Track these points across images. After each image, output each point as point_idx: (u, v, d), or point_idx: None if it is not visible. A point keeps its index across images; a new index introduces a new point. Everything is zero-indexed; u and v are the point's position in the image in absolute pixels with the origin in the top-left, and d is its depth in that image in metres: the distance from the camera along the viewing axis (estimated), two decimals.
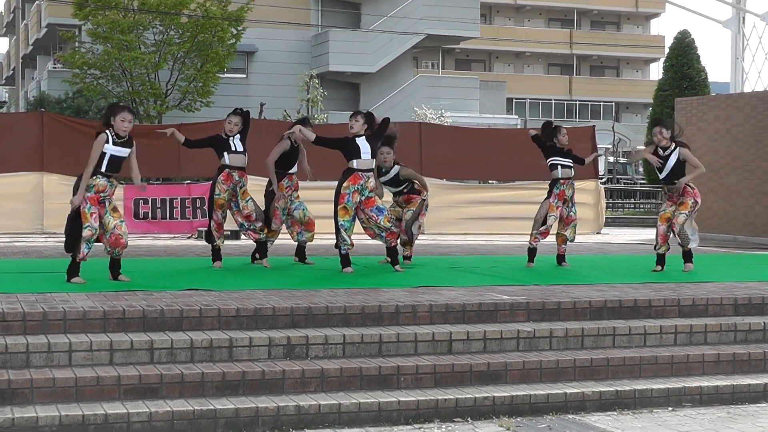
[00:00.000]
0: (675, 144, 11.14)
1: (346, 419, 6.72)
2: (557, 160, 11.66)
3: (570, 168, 11.70)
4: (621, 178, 43.82)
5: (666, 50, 30.25)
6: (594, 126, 20.72)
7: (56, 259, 11.40)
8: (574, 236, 11.98)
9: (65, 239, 9.04)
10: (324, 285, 9.31)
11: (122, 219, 9.08)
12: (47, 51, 46.80)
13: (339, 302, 8.04)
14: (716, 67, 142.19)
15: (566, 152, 11.74)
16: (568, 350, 7.99)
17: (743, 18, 24.76)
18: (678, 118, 20.87)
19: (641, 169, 39.41)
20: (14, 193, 16.54)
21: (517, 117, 50.42)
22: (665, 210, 11.29)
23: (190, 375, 6.77)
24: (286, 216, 11.19)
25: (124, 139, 8.95)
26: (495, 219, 18.73)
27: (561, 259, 11.95)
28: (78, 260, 8.91)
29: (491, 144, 19.25)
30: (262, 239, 10.99)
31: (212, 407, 6.52)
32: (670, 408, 7.49)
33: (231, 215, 10.94)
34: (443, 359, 7.46)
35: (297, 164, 11.24)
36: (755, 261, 13.87)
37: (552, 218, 11.66)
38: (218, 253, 10.88)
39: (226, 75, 36.60)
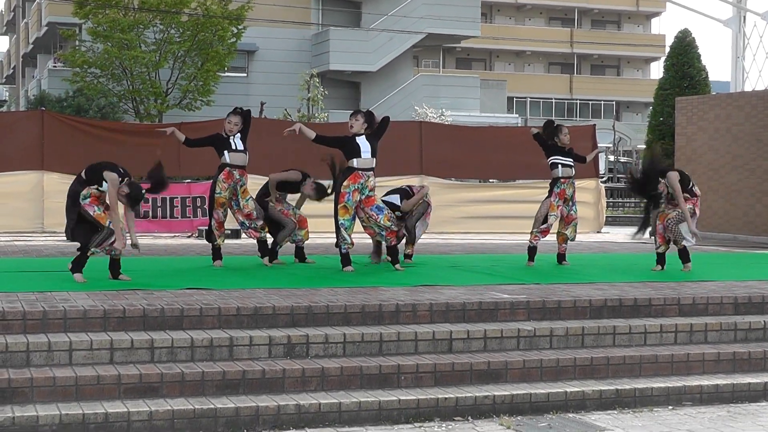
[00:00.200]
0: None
1: (347, 418, 6.72)
2: (558, 159, 11.66)
3: (571, 167, 11.71)
4: (621, 177, 43.81)
5: (667, 49, 30.20)
6: (594, 125, 20.73)
7: (56, 258, 11.41)
8: (575, 235, 11.98)
9: (78, 240, 8.98)
10: (324, 284, 9.31)
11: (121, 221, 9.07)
12: (48, 50, 46.79)
13: (339, 301, 8.04)
14: (717, 66, 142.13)
15: (567, 151, 11.75)
16: (569, 349, 7.99)
17: (744, 17, 24.74)
18: (678, 117, 20.88)
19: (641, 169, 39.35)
20: (15, 192, 16.53)
21: (518, 116, 50.40)
22: (664, 210, 11.29)
23: (191, 374, 6.77)
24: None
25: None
26: (495, 218, 18.74)
27: (561, 258, 11.95)
28: (89, 254, 8.89)
29: (492, 143, 19.26)
30: (263, 238, 10.99)
31: (212, 406, 6.52)
32: (671, 407, 7.50)
33: (231, 214, 10.95)
34: (443, 358, 7.47)
35: (297, 197, 11.51)
36: (755, 260, 13.87)
37: (553, 217, 11.67)
38: (219, 252, 10.88)
39: (227, 74, 36.62)
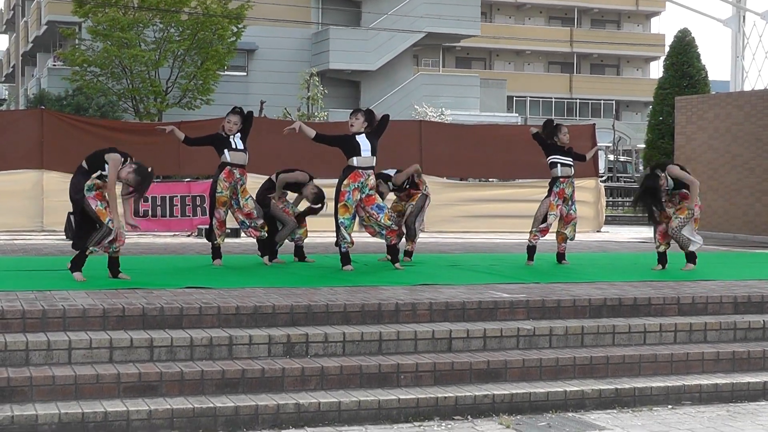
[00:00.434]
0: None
1: (346, 417, 6.72)
2: (557, 159, 11.66)
3: (570, 167, 11.71)
4: (621, 177, 43.80)
5: (666, 49, 30.21)
6: (594, 124, 20.75)
7: (56, 257, 11.40)
8: (574, 235, 11.98)
9: (74, 238, 8.98)
10: (324, 283, 9.30)
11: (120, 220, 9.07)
12: (47, 48, 46.82)
13: (339, 300, 8.03)
14: (716, 66, 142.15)
15: (567, 151, 11.75)
16: (568, 348, 7.99)
17: (743, 16, 24.76)
18: (678, 117, 20.89)
19: (641, 168, 39.40)
20: (14, 191, 16.53)
21: (518, 115, 50.44)
22: (666, 210, 11.26)
23: (190, 373, 6.77)
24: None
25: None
26: (495, 217, 18.75)
27: (561, 258, 11.95)
28: (89, 253, 8.89)
29: (491, 142, 19.27)
30: (263, 236, 10.99)
31: (212, 405, 6.52)
32: (670, 406, 7.49)
33: (231, 213, 10.94)
34: (443, 357, 7.46)
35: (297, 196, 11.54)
36: (755, 259, 13.87)
37: (552, 217, 11.66)
38: (218, 251, 10.87)
39: (227, 73, 36.65)
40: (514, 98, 57.67)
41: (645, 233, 20.12)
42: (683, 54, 27.09)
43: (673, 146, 20.98)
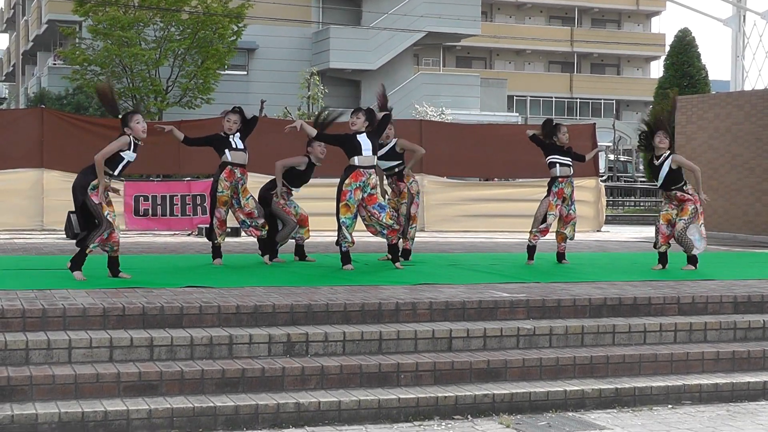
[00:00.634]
0: (669, 150, 11.18)
1: (346, 416, 6.72)
2: (556, 159, 11.66)
3: (569, 166, 11.70)
4: (621, 176, 43.80)
5: (667, 48, 30.24)
6: (594, 124, 20.74)
7: (56, 256, 11.40)
8: (574, 234, 11.98)
9: (78, 234, 8.98)
10: (324, 282, 9.30)
11: (115, 213, 9.06)
12: (47, 47, 46.79)
13: (339, 299, 8.03)
14: (717, 66, 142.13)
15: (566, 150, 11.74)
16: (568, 348, 7.99)
17: (744, 16, 24.75)
18: (678, 117, 20.87)
19: (641, 167, 39.39)
20: (14, 190, 16.54)
21: (518, 114, 50.43)
22: (667, 210, 11.28)
23: (190, 372, 6.77)
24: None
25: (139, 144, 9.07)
26: (495, 216, 18.75)
27: (561, 257, 11.96)
28: (88, 252, 8.89)
29: (492, 141, 19.26)
30: (264, 236, 10.99)
31: (212, 404, 6.52)
32: (670, 406, 7.50)
33: (232, 212, 10.94)
34: (443, 357, 7.46)
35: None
36: (755, 259, 13.87)
37: (551, 216, 11.67)
38: (218, 251, 10.88)
39: (227, 72, 36.62)
40: (515, 98, 57.67)
41: (645, 233, 20.12)
42: (683, 53, 27.12)
43: (673, 146, 20.97)
